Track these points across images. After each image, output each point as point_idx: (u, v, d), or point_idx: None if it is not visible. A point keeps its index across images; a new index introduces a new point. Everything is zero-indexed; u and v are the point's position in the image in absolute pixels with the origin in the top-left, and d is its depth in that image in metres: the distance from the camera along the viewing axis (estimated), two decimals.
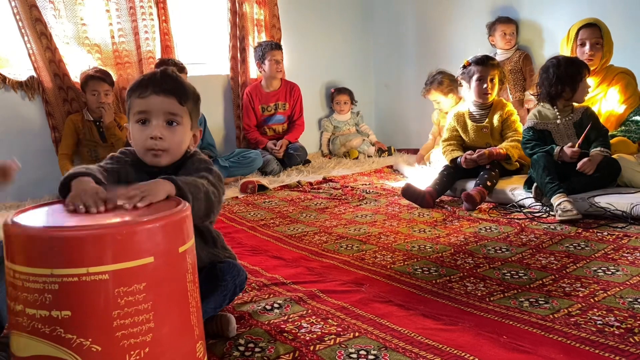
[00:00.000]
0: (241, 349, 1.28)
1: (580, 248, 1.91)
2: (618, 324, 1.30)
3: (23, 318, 0.87)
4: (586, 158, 2.37)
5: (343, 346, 1.27)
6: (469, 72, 2.89)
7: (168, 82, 1.29)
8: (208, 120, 3.84)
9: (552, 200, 2.31)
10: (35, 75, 3.36)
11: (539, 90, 2.62)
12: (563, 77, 2.50)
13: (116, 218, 0.95)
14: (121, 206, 1.02)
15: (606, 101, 2.83)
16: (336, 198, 3.01)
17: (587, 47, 2.80)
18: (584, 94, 2.57)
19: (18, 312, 0.88)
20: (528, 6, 3.76)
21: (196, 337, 0.99)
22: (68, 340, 0.84)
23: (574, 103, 2.58)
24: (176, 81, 1.31)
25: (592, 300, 1.46)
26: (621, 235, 2.00)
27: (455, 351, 1.22)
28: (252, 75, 4.26)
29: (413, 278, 1.72)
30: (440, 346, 1.25)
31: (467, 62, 2.91)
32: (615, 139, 2.64)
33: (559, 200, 2.27)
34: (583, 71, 2.52)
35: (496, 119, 2.89)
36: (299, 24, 4.53)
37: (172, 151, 1.30)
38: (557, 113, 2.57)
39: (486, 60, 2.87)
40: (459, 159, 2.84)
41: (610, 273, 1.65)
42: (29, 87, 3.38)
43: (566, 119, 2.56)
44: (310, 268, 1.86)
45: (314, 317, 1.44)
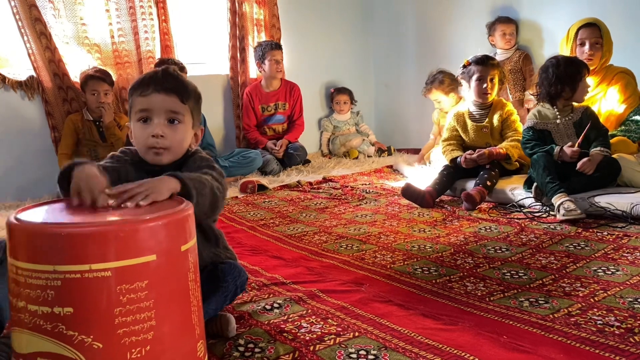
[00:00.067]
0: (241, 349, 1.28)
1: (580, 248, 1.91)
2: (618, 324, 1.30)
3: (25, 315, 0.87)
4: (586, 158, 2.37)
5: (343, 346, 1.27)
6: (469, 72, 2.90)
7: (170, 81, 1.29)
8: (208, 120, 3.83)
9: (553, 200, 2.31)
10: (34, 75, 3.36)
11: (539, 90, 2.62)
12: (563, 77, 2.50)
13: (119, 215, 0.96)
14: (124, 204, 1.02)
15: (606, 101, 2.83)
16: (336, 198, 3.01)
17: (587, 47, 2.80)
18: (584, 94, 2.57)
19: (20, 309, 0.88)
20: (528, 6, 3.76)
21: (197, 337, 0.99)
22: (70, 337, 0.85)
23: (574, 103, 2.58)
24: (178, 80, 1.31)
25: (592, 300, 1.46)
26: (621, 235, 2.00)
27: (455, 351, 1.21)
28: (252, 75, 4.26)
29: (413, 278, 1.72)
30: (440, 346, 1.24)
31: (467, 62, 2.91)
32: (615, 139, 2.64)
33: (561, 199, 2.27)
34: (582, 71, 2.52)
35: (496, 119, 2.89)
36: (299, 24, 4.53)
37: (174, 149, 1.30)
38: (557, 113, 2.57)
39: (486, 60, 2.88)
40: (459, 159, 2.84)
41: (610, 273, 1.65)
42: (29, 87, 3.38)
43: (566, 119, 2.56)
44: (310, 268, 1.86)
45: (314, 317, 1.44)
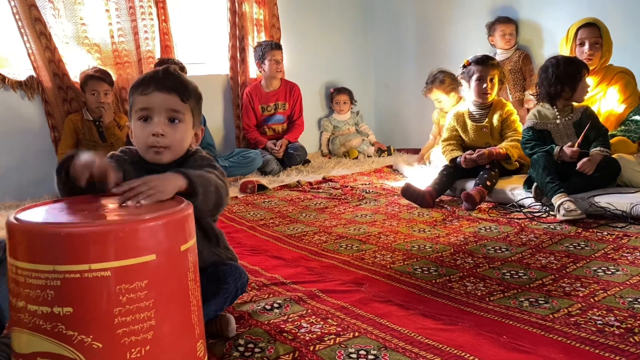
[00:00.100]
0: (241, 349, 1.28)
1: (580, 248, 1.91)
2: (618, 324, 1.30)
3: (25, 314, 0.87)
4: (586, 158, 2.37)
5: (343, 346, 1.27)
6: (469, 72, 2.90)
7: (170, 80, 1.29)
8: (208, 120, 3.83)
9: (553, 200, 2.31)
10: (34, 75, 3.36)
11: (539, 90, 2.62)
12: (562, 77, 2.50)
13: (118, 215, 0.95)
14: (125, 203, 1.02)
15: (606, 101, 2.83)
16: (336, 198, 3.01)
17: (587, 47, 2.80)
18: (584, 94, 2.57)
19: (20, 309, 0.88)
20: (528, 6, 3.76)
21: (197, 336, 0.99)
22: (69, 337, 0.84)
23: (574, 103, 2.58)
24: (178, 79, 1.31)
25: (592, 300, 1.46)
26: (621, 235, 2.00)
27: (455, 351, 1.21)
28: (252, 75, 4.26)
29: (413, 278, 1.72)
30: (440, 346, 1.24)
31: (467, 62, 2.91)
32: (615, 139, 2.64)
33: (561, 200, 2.27)
34: (582, 71, 2.52)
35: (496, 119, 2.89)
36: (299, 24, 4.53)
37: (174, 148, 1.30)
38: (557, 113, 2.57)
39: (486, 60, 2.88)
40: (459, 159, 2.84)
41: (610, 273, 1.65)
42: (29, 87, 3.38)
43: (566, 119, 2.56)
44: (310, 268, 1.86)
45: (314, 317, 1.44)
